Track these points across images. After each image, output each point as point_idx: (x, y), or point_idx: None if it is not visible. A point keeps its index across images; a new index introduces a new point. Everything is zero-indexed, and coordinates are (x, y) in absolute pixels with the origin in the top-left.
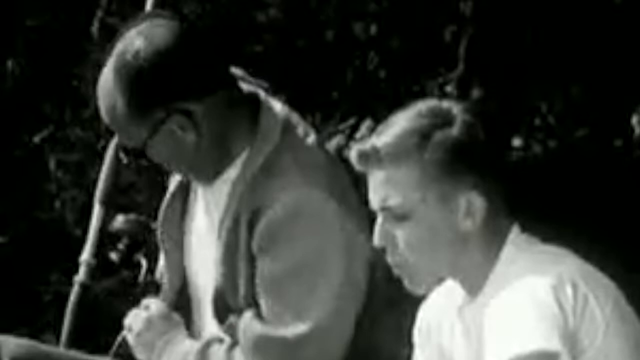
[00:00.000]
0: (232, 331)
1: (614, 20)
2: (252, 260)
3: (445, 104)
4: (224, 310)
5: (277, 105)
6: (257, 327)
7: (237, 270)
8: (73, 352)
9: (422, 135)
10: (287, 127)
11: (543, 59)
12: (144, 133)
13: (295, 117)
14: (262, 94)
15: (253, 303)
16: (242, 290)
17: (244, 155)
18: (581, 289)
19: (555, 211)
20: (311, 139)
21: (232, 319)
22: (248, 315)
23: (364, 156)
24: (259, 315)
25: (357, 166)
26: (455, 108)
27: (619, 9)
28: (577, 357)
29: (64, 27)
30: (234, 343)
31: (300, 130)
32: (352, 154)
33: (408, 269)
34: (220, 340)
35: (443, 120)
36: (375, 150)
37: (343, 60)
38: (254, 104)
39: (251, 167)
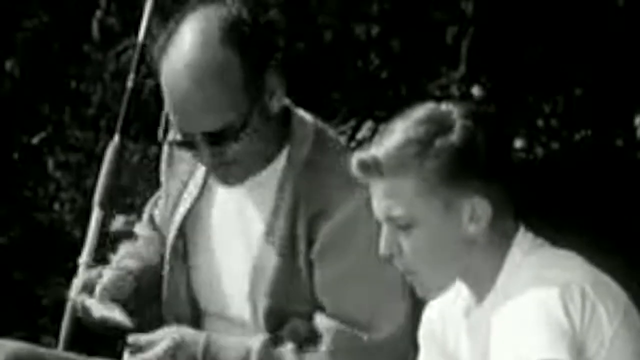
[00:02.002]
0: (295, 335)
1: (616, 22)
2: (310, 263)
3: (444, 108)
4: (280, 315)
5: (306, 115)
6: (350, 333)
7: (298, 274)
8: (70, 354)
9: (422, 144)
10: (320, 135)
11: (545, 59)
12: (246, 104)
13: (325, 125)
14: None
15: (313, 305)
16: (303, 293)
17: (282, 160)
18: (590, 297)
19: (558, 213)
20: (341, 146)
21: (296, 322)
22: (330, 322)
23: (364, 167)
24: (334, 317)
25: (358, 176)
26: (454, 112)
27: (621, 10)
28: None
29: (63, 27)
30: (300, 346)
31: (332, 137)
32: (352, 164)
33: (417, 276)
34: (274, 341)
35: (442, 126)
36: (375, 161)
37: (344, 61)
38: (286, 110)
39: (291, 173)
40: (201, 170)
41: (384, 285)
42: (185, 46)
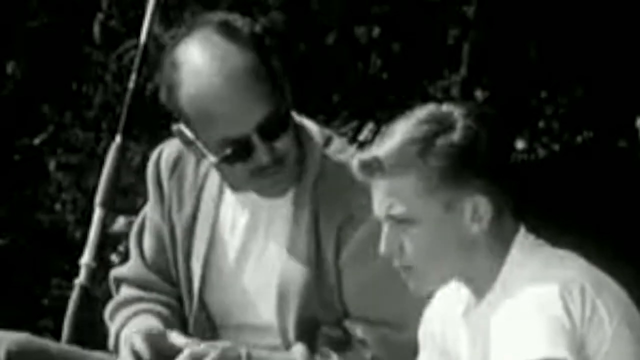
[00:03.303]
0: (328, 341)
1: (617, 23)
2: (338, 270)
3: (446, 108)
4: (309, 323)
5: (312, 124)
6: (390, 335)
7: (324, 283)
8: (71, 347)
9: (424, 143)
10: (329, 143)
11: (546, 61)
12: (278, 94)
13: (331, 132)
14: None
15: (341, 312)
16: (330, 301)
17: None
18: (590, 295)
19: (560, 213)
20: (350, 151)
21: (325, 329)
22: (369, 328)
23: (366, 167)
24: (367, 319)
25: (359, 176)
26: (456, 112)
27: (623, 11)
28: None
29: (65, 29)
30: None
31: (341, 143)
32: (354, 164)
33: (415, 273)
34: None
35: (443, 126)
36: (377, 161)
37: (345, 63)
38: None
39: (306, 183)
40: (211, 190)
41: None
42: (210, 58)
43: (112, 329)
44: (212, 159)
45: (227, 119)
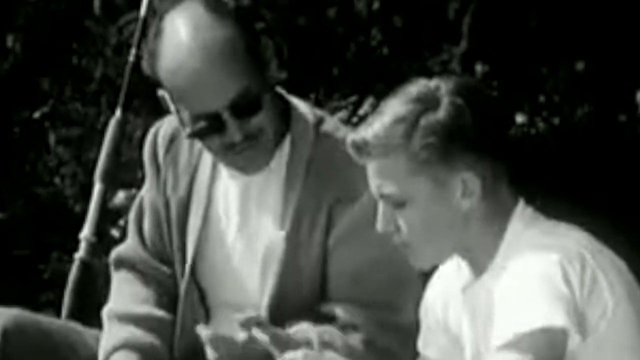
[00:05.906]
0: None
1: None
2: (325, 252)
3: (434, 84)
4: (283, 301)
5: (304, 104)
6: (385, 318)
7: (306, 260)
8: (68, 323)
9: (409, 123)
10: (321, 123)
11: (547, 35)
12: (254, 71)
13: (323, 112)
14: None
15: (318, 297)
16: (310, 278)
17: (285, 148)
18: (590, 266)
19: (559, 188)
20: (343, 130)
21: (327, 307)
22: (362, 310)
23: (356, 147)
24: (357, 301)
25: (353, 155)
26: (442, 89)
27: None
28: (585, 334)
29: (64, 2)
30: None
31: (333, 123)
32: (347, 144)
33: (412, 249)
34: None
35: (428, 104)
36: (364, 143)
37: (346, 36)
38: (281, 97)
39: (298, 161)
40: (205, 167)
41: (406, 264)
42: (190, 31)
43: (102, 342)
44: (187, 130)
45: (200, 94)
